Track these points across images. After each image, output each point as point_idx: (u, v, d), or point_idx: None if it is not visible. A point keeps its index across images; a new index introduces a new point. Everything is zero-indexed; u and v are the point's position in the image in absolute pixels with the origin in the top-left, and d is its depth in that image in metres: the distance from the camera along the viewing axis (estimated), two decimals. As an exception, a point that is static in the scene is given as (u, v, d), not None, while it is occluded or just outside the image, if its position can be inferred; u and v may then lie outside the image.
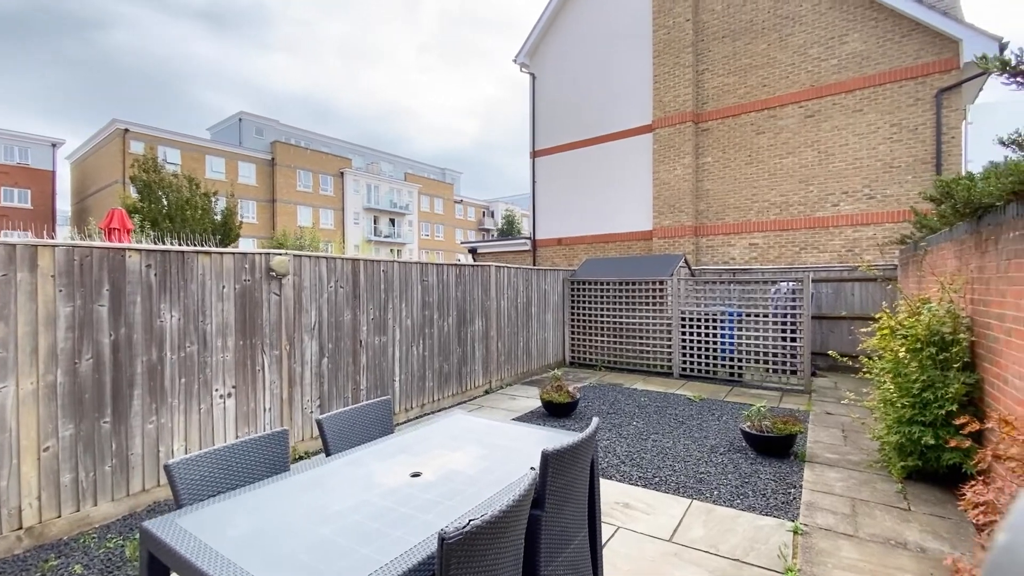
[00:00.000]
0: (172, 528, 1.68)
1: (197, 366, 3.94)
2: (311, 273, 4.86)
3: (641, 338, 8.72)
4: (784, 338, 7.42)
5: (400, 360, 5.83)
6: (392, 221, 47.83)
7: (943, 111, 8.67)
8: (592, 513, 2.47)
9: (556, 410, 5.89)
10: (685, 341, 8.19)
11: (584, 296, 9.40)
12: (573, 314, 9.52)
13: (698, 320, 8.05)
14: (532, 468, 1.81)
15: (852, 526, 3.22)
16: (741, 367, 7.76)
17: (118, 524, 3.38)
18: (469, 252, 16.48)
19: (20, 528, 3.04)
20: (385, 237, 46.60)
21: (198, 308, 3.96)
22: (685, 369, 8.20)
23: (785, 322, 7.41)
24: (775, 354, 7.46)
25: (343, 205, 43.44)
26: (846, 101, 9.61)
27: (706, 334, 7.98)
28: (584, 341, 9.40)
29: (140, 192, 19.08)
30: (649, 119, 11.97)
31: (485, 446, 2.51)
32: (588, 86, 13.16)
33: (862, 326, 8.59)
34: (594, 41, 13.08)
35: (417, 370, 6.07)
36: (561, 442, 2.09)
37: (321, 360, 4.94)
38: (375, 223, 46.32)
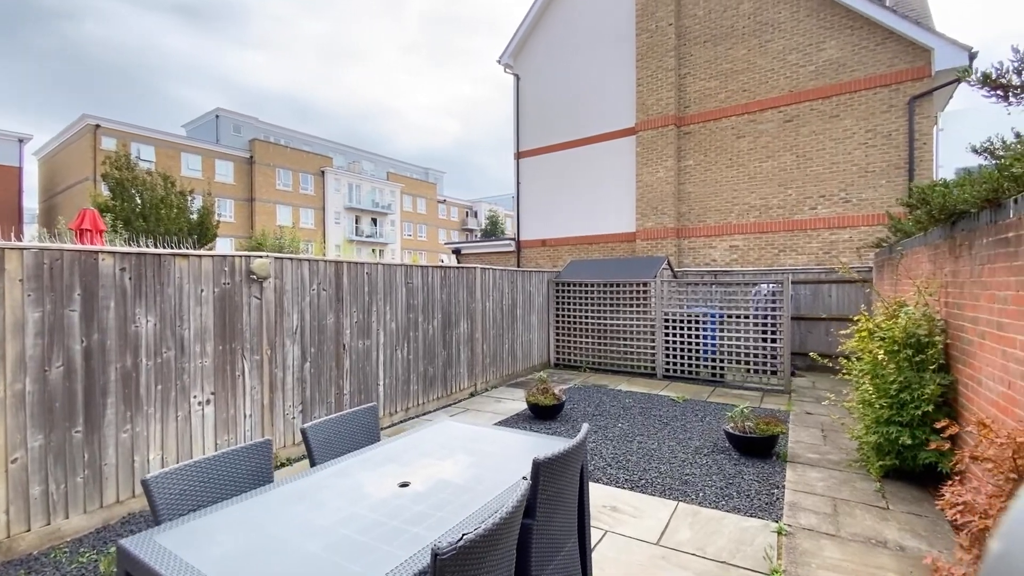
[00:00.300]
0: (150, 546, 1.62)
1: (174, 372, 3.82)
2: (293, 276, 4.76)
3: (625, 339, 8.78)
4: (765, 339, 7.55)
5: (384, 364, 5.75)
6: (374, 221, 47.37)
7: (915, 118, 8.93)
8: (582, 519, 2.46)
9: (542, 412, 5.88)
10: (668, 342, 8.28)
11: (569, 298, 9.43)
12: (558, 316, 9.54)
13: (681, 321, 8.15)
14: (524, 478, 1.80)
15: (834, 526, 3.28)
16: (723, 368, 7.87)
17: (91, 537, 3.25)
18: (453, 253, 16.40)
19: (-15, 544, 2.91)
20: (367, 237, 46.12)
21: (175, 312, 3.84)
22: (668, 370, 8.29)
23: (765, 323, 7.54)
24: (756, 355, 7.59)
25: (324, 204, 42.84)
26: (823, 107, 9.83)
27: (689, 335, 8.08)
28: (569, 342, 9.43)
29: (112, 190, 18.48)
30: (632, 122, 12.07)
31: (474, 454, 2.48)
32: (572, 88, 13.21)
33: (839, 327, 8.79)
34: (578, 43, 13.14)
35: (402, 374, 6.00)
36: (552, 450, 2.08)
37: (303, 365, 4.84)
38: (357, 223, 45.81)
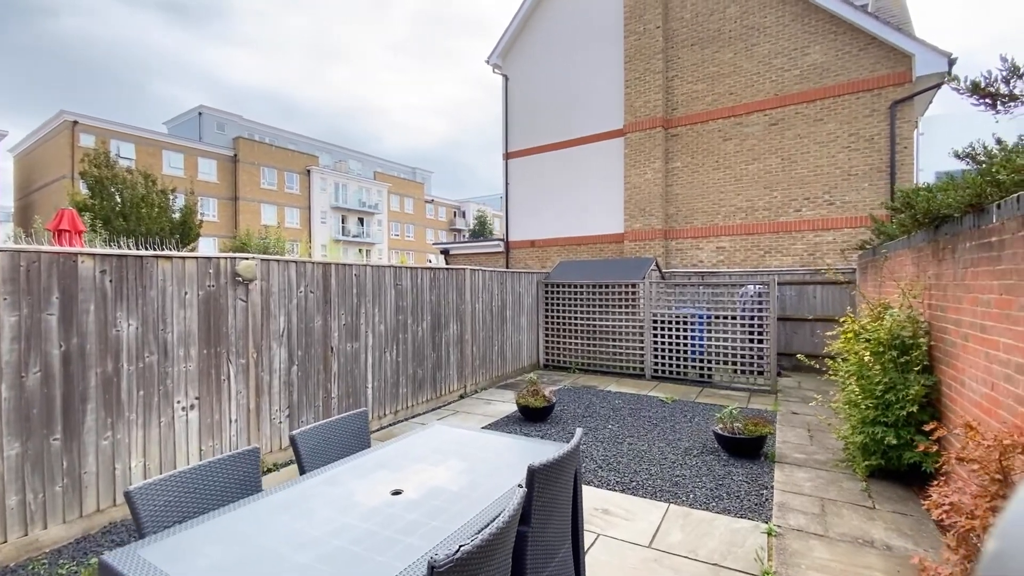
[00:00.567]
0: (134, 560, 1.57)
1: (157, 377, 3.73)
2: (280, 278, 4.68)
3: (614, 340, 8.81)
4: (751, 340, 7.63)
5: (373, 366, 5.69)
6: (361, 220, 46.97)
7: (897, 122, 9.11)
8: (576, 524, 2.45)
9: (532, 415, 5.87)
10: (657, 343, 8.33)
11: (558, 299, 9.43)
12: (547, 317, 9.54)
13: (669, 322, 8.20)
14: (520, 485, 1.78)
15: (822, 526, 3.31)
16: (710, 368, 7.94)
17: (71, 548, 3.16)
18: (441, 253, 16.32)
19: (-42, 557, 2.80)
20: (354, 237, 45.71)
21: (158, 316, 3.75)
22: (657, 371, 8.34)
23: (752, 324, 7.62)
24: (743, 355, 7.67)
25: (310, 204, 42.37)
26: (808, 110, 9.97)
27: (677, 336, 8.13)
28: (558, 344, 9.43)
29: (91, 188, 18.05)
30: (621, 123, 12.13)
31: (467, 459, 2.46)
32: (561, 89, 13.23)
33: (824, 327, 8.93)
34: (567, 44, 13.17)
35: (391, 376, 5.94)
36: (546, 456, 2.06)
37: (290, 368, 4.76)
38: (343, 222, 45.38)
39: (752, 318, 7.63)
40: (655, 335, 8.34)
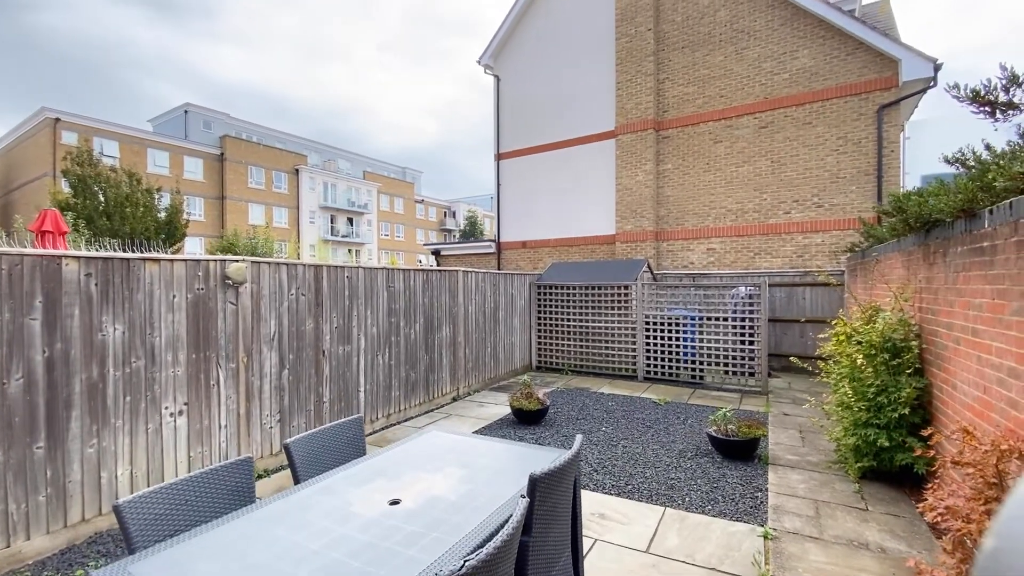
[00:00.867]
0: (125, 578, 1.51)
1: (144, 383, 3.64)
2: (270, 280, 4.61)
3: (607, 342, 8.82)
4: (742, 341, 7.67)
5: (365, 370, 5.63)
6: (350, 220, 46.60)
7: (884, 126, 9.23)
8: (575, 531, 2.43)
9: (526, 417, 5.84)
10: (649, 345, 8.35)
11: (551, 300, 9.42)
12: (540, 318, 9.53)
13: (661, 324, 8.23)
14: (523, 496, 1.75)
15: (817, 528, 3.33)
16: (702, 370, 7.98)
17: (55, 559, 3.07)
18: (432, 254, 16.24)
19: (-65, 572, 2.71)
20: (343, 237, 45.34)
21: (145, 320, 3.66)
22: (649, 372, 8.36)
23: (743, 325, 7.67)
24: (734, 357, 7.71)
25: (298, 203, 41.94)
26: (797, 114, 10.08)
27: (669, 337, 8.16)
28: (551, 345, 9.42)
29: (73, 187, 17.67)
30: (612, 125, 12.15)
31: (465, 467, 2.43)
32: (553, 90, 13.23)
33: (814, 329, 9.03)
34: (558, 45, 13.17)
35: (383, 379, 5.88)
36: (547, 464, 2.04)
37: (281, 372, 4.69)
38: (332, 222, 44.99)
39: (743, 319, 7.68)
40: (647, 337, 8.36)
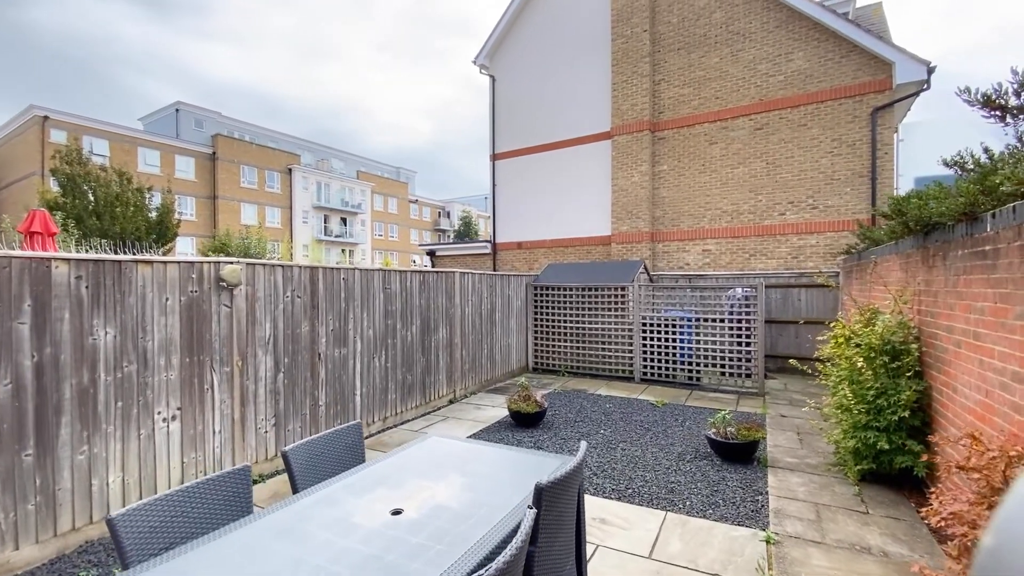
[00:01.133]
0: (119, 596, 1.46)
1: (136, 387, 3.57)
2: (265, 282, 4.54)
3: (603, 343, 8.80)
4: (739, 342, 7.68)
5: (361, 373, 5.56)
6: (344, 220, 46.36)
7: (878, 128, 9.29)
8: (579, 539, 2.39)
9: (524, 420, 5.81)
10: (646, 346, 8.34)
11: (547, 302, 9.39)
12: (536, 320, 9.49)
13: (658, 325, 8.22)
14: (530, 507, 1.71)
15: (819, 532, 3.32)
16: (699, 371, 7.98)
17: (44, 569, 2.99)
18: (427, 255, 16.16)
19: (-81, 584, 2.62)
20: (336, 237, 45.08)
21: (137, 323, 3.58)
22: (646, 373, 8.35)
23: (740, 327, 7.68)
24: (731, 358, 7.72)
25: (291, 203, 41.67)
26: (792, 116, 10.12)
27: (665, 339, 8.16)
28: (547, 347, 9.39)
29: (62, 186, 17.41)
30: (608, 126, 12.15)
31: (467, 474, 2.38)
32: (548, 90, 13.21)
33: (809, 330, 9.07)
34: (554, 46, 13.15)
35: (379, 382, 5.82)
36: (551, 470, 2.01)
37: (277, 376, 4.62)
38: (325, 222, 44.72)
39: (740, 321, 7.68)
40: (644, 338, 8.35)
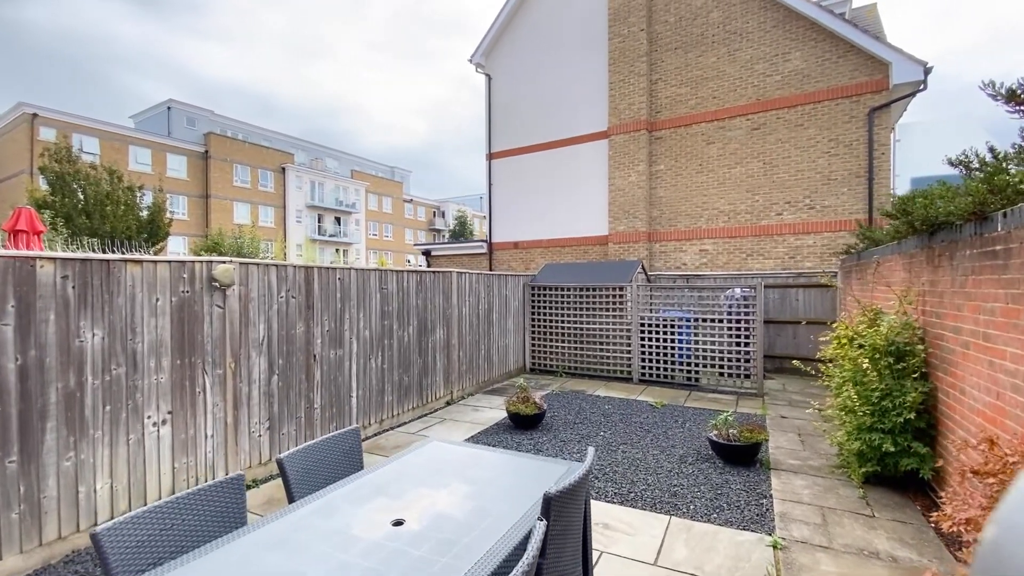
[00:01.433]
0: (104, 617, 1.36)
1: (125, 391, 3.45)
2: (259, 282, 4.43)
3: (601, 344, 8.74)
4: (738, 343, 7.64)
5: (358, 374, 5.47)
6: (338, 220, 46.08)
7: (875, 128, 9.29)
8: (585, 547, 2.32)
9: (523, 422, 5.73)
10: (644, 346, 8.29)
11: (545, 302, 9.32)
12: (534, 320, 9.42)
13: (656, 326, 8.17)
14: (540, 518, 1.63)
15: (826, 537, 3.27)
16: (698, 371, 7.93)
17: (27, 581, 2.88)
18: (423, 254, 16.05)
19: None
20: (330, 236, 44.81)
21: (127, 325, 3.47)
22: (644, 374, 8.30)
23: (738, 327, 7.63)
24: (729, 358, 7.67)
25: (285, 202, 41.35)
26: (789, 116, 10.11)
27: (664, 339, 8.10)
28: (545, 347, 9.32)
29: (51, 184, 17.16)
30: (605, 125, 12.10)
31: (469, 481, 2.30)
32: (545, 90, 13.14)
33: (807, 330, 9.05)
34: (551, 45, 13.08)
35: (376, 384, 5.72)
36: (559, 478, 1.93)
37: (271, 378, 4.51)
38: (319, 222, 44.44)
39: (738, 321, 7.64)
40: (642, 338, 8.30)
